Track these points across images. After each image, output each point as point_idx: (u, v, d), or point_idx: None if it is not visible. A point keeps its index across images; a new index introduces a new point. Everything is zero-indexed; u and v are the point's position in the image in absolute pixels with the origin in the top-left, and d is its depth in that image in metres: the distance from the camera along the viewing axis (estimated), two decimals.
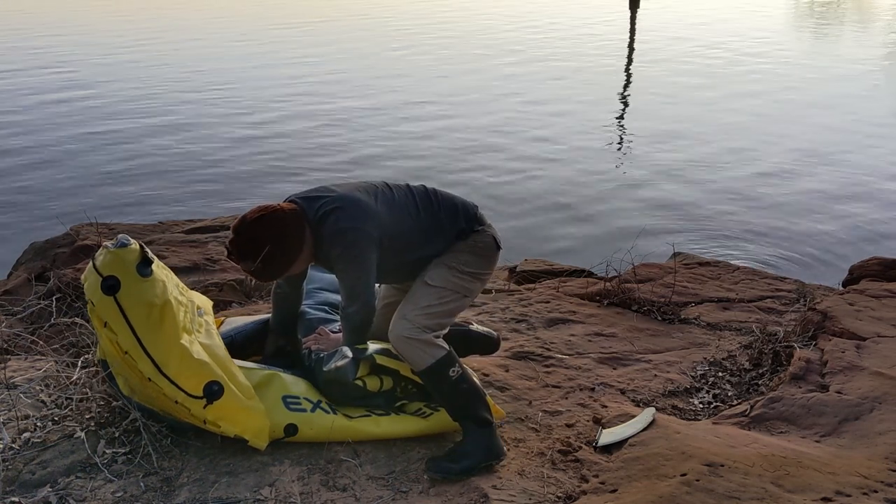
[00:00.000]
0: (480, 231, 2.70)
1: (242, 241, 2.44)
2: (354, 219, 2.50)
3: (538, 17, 21.67)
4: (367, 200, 2.56)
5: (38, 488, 2.31)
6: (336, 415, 2.56)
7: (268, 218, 2.44)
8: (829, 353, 3.13)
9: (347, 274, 2.51)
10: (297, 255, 2.50)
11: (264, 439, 2.44)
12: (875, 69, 14.50)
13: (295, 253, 2.49)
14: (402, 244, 2.59)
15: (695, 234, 6.99)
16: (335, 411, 2.57)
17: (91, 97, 12.00)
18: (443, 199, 2.72)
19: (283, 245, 2.45)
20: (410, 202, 2.65)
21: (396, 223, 2.58)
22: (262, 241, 2.42)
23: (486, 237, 2.70)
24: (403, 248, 2.60)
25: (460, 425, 2.59)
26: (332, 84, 12.91)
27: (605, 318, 3.79)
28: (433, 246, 2.65)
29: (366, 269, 2.51)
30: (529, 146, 9.57)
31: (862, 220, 7.30)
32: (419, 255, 2.64)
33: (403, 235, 2.59)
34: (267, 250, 2.42)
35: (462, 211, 2.71)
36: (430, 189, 2.75)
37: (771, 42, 17.48)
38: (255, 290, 4.03)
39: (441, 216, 2.67)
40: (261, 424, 2.43)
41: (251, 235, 2.43)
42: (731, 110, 11.34)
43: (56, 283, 3.82)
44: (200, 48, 16.32)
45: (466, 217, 2.71)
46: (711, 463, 2.38)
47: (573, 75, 13.80)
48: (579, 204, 7.73)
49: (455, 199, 2.75)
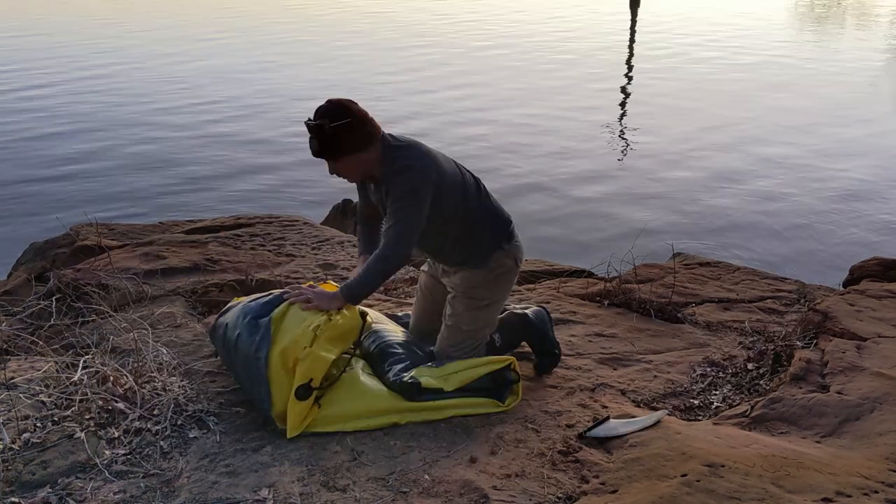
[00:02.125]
0: (507, 250, 2.91)
1: (332, 104, 2.61)
2: (425, 165, 2.67)
3: (536, 17, 21.66)
4: (443, 163, 2.76)
5: (38, 489, 2.31)
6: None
7: (358, 107, 2.64)
8: (830, 353, 3.13)
9: (401, 214, 2.64)
10: (364, 146, 2.63)
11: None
12: (874, 70, 14.50)
13: (365, 142, 2.63)
14: (443, 221, 2.75)
15: (695, 235, 6.99)
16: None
17: (91, 97, 12.00)
18: (489, 204, 2.91)
19: (361, 127, 2.61)
20: (464, 189, 2.81)
21: (447, 200, 2.74)
22: (347, 111, 2.60)
23: (509, 260, 2.92)
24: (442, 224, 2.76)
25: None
26: (336, 84, 12.90)
27: (606, 318, 3.79)
28: (464, 242, 2.85)
29: (419, 217, 2.66)
30: (529, 146, 9.57)
31: (862, 220, 7.30)
32: (451, 242, 2.84)
33: (447, 214, 2.75)
34: (348, 121, 2.58)
35: (501, 223, 2.93)
36: (484, 189, 2.93)
37: (771, 42, 17.48)
38: (255, 290, 4.02)
39: (480, 219, 2.86)
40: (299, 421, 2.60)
41: (342, 103, 2.61)
42: (731, 111, 11.33)
43: (56, 283, 3.82)
44: (200, 48, 16.31)
45: (502, 229, 2.93)
46: (712, 463, 2.37)
47: (573, 75, 13.80)
48: (580, 204, 7.73)
49: (497, 208, 2.95)
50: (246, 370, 2.66)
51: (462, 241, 2.85)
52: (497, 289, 2.94)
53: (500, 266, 2.91)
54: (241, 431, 2.64)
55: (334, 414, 2.65)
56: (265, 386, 2.59)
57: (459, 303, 2.92)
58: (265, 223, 5.24)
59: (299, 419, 2.58)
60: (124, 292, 3.79)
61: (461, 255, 2.89)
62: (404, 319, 3.30)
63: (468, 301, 2.91)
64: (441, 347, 2.95)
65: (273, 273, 4.19)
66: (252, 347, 2.65)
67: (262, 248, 4.73)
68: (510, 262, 2.93)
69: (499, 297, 2.97)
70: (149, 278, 4.04)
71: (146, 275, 4.07)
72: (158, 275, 4.12)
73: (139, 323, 3.38)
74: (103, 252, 4.45)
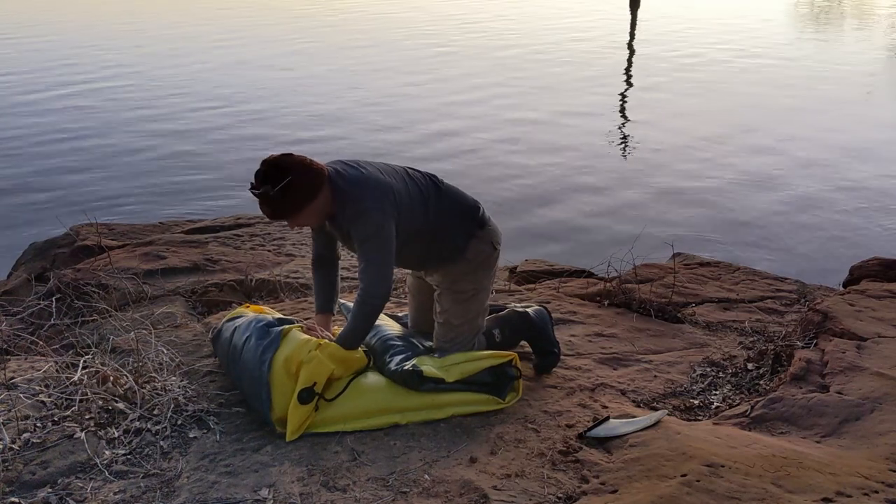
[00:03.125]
0: (480, 237, 2.90)
1: (268, 166, 2.59)
2: (380, 201, 2.64)
3: (535, 16, 21.67)
4: (396, 185, 2.73)
5: (38, 489, 2.31)
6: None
7: (297, 157, 2.63)
8: (830, 353, 3.13)
9: (371, 255, 2.65)
10: (313, 195, 2.61)
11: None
12: (874, 70, 14.50)
13: (313, 192, 2.61)
14: (412, 238, 2.78)
15: (695, 234, 6.99)
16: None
17: (90, 97, 12.00)
18: (451, 200, 2.88)
19: (304, 181, 2.59)
20: (424, 199, 2.81)
21: (411, 219, 2.75)
22: (285, 170, 2.57)
23: (485, 246, 2.91)
24: (412, 241, 2.78)
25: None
26: (340, 85, 12.90)
27: (606, 318, 3.79)
28: (439, 245, 2.86)
29: (389, 251, 2.67)
30: (529, 146, 9.57)
31: (862, 220, 7.30)
32: (425, 251, 2.85)
33: (413, 231, 2.77)
34: (289, 180, 2.55)
35: (468, 213, 2.90)
36: (443, 186, 2.90)
37: (771, 42, 17.48)
38: (255, 290, 4.03)
39: (447, 219, 2.85)
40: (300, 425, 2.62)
41: (278, 163, 2.59)
42: (731, 111, 11.33)
43: (56, 283, 3.82)
44: (201, 48, 16.32)
45: (471, 219, 2.90)
46: (712, 463, 2.37)
47: (573, 75, 13.80)
48: (580, 204, 7.72)
49: (461, 199, 2.92)
50: (248, 374, 2.67)
51: (435, 245, 2.86)
52: (479, 277, 2.93)
53: (477, 254, 2.90)
54: (241, 431, 2.64)
55: (334, 414, 2.65)
56: (266, 389, 2.60)
57: (446, 298, 2.93)
58: (265, 223, 5.24)
59: (299, 423, 2.59)
60: (124, 292, 3.79)
61: (437, 256, 2.90)
62: (404, 320, 3.31)
63: (454, 295, 2.92)
64: (438, 344, 2.96)
65: (273, 273, 4.19)
66: (258, 350, 2.66)
67: (262, 248, 4.73)
68: (487, 247, 2.92)
69: (483, 285, 2.96)
70: (149, 278, 4.05)
71: (146, 275, 4.07)
72: (158, 275, 4.12)
73: (139, 323, 3.39)
74: (103, 252, 4.45)
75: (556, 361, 3.16)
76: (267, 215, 2.66)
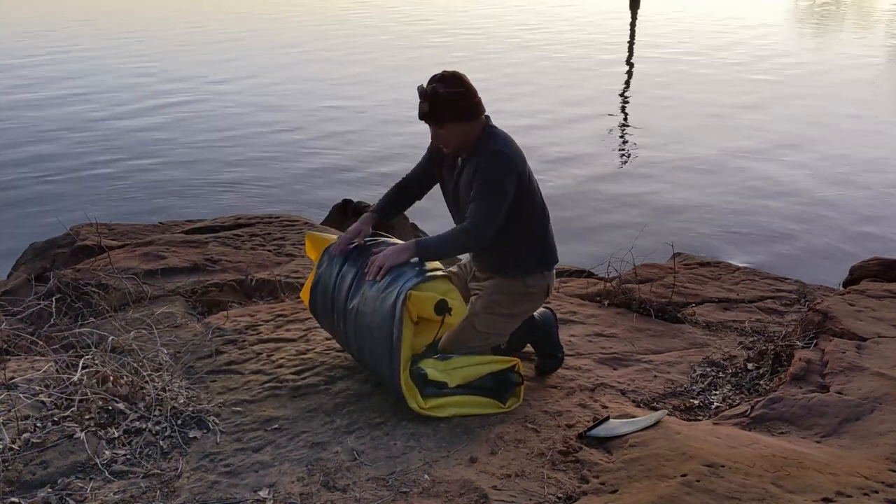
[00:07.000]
0: (546, 276, 2.97)
1: (449, 73, 2.74)
2: (517, 156, 2.79)
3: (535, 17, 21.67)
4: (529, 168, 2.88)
5: (38, 489, 2.31)
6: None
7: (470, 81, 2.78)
8: (830, 353, 3.13)
9: (489, 196, 2.73)
10: (469, 117, 2.75)
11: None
12: (873, 70, 14.50)
13: (470, 114, 2.75)
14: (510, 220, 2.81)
15: (695, 235, 6.99)
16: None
17: (90, 97, 12.00)
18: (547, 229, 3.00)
19: (470, 101, 2.75)
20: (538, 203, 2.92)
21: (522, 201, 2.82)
22: (461, 83, 2.74)
23: (543, 284, 2.98)
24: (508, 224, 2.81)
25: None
26: (343, 85, 12.91)
27: (606, 318, 3.79)
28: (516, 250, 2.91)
29: (504, 202, 2.74)
30: (528, 146, 9.56)
31: (862, 220, 7.30)
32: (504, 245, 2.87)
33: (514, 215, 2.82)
34: (461, 90, 2.73)
35: (549, 251, 3.00)
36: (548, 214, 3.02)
37: (771, 43, 17.48)
38: (255, 290, 4.03)
39: (538, 239, 2.95)
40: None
41: (458, 75, 2.75)
42: (731, 111, 11.33)
43: (56, 283, 3.81)
44: (203, 48, 16.32)
45: (550, 256, 3.00)
46: (712, 463, 2.37)
47: (573, 75, 13.80)
48: (580, 205, 7.72)
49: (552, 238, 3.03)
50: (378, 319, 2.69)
51: (515, 245, 2.89)
52: (522, 304, 2.97)
53: (534, 285, 2.95)
54: (241, 431, 2.64)
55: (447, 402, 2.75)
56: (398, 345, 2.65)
57: (481, 302, 2.95)
58: (265, 223, 5.24)
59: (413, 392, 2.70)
60: (124, 292, 3.79)
61: (506, 260, 2.92)
62: None
63: (491, 304, 2.94)
64: (447, 340, 2.93)
65: (273, 273, 4.19)
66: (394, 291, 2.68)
67: (262, 248, 4.73)
68: (543, 287, 2.99)
69: (519, 312, 2.98)
70: (149, 278, 4.04)
71: (146, 275, 4.07)
72: (158, 275, 4.12)
73: (139, 323, 3.38)
74: (103, 252, 4.45)
75: (558, 365, 3.16)
76: (422, 112, 2.75)
